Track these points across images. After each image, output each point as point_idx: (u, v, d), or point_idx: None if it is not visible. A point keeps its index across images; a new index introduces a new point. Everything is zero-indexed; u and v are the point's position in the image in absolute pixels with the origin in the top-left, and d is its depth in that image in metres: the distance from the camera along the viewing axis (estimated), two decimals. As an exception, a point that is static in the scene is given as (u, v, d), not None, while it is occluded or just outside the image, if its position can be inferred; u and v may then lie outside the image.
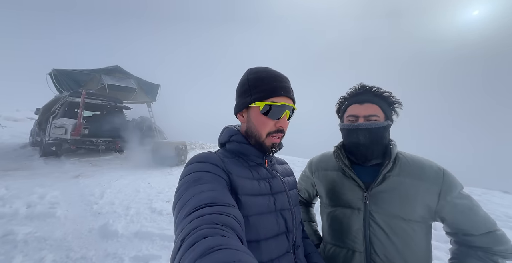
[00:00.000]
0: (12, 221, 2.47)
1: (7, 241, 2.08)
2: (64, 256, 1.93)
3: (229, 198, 0.46)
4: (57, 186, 3.68)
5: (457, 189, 0.64)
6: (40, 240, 2.14)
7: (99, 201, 3.20)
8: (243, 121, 0.61)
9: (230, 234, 0.35)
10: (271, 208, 0.55)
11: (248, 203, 0.52)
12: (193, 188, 0.45)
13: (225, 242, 0.31)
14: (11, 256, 1.87)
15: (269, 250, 0.52)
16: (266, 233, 0.53)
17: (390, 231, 0.65)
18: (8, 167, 4.72)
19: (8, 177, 4.01)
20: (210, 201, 0.41)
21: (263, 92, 0.56)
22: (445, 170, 0.67)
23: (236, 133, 0.62)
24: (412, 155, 0.73)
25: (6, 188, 3.37)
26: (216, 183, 0.48)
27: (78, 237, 2.25)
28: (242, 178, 0.54)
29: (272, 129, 0.57)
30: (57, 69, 7.12)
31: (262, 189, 0.56)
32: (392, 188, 0.67)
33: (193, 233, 0.33)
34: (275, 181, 0.60)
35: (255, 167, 0.60)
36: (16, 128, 11.17)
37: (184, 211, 0.40)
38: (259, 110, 0.56)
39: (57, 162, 5.51)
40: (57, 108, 6.45)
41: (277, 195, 0.58)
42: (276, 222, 0.55)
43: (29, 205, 2.88)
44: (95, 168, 5.24)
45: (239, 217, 0.42)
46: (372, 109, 0.71)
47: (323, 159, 0.87)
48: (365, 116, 0.71)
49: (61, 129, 5.64)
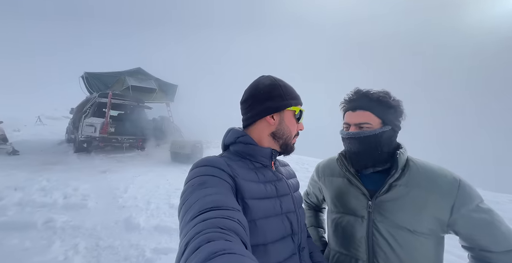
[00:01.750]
0: (52, 210, 2.79)
1: (48, 228, 2.36)
2: (94, 244, 2.14)
3: (234, 202, 0.46)
4: (88, 180, 4.06)
5: (474, 202, 0.60)
6: (75, 228, 2.40)
7: (124, 195, 3.47)
8: (274, 123, 0.62)
9: (234, 239, 0.35)
10: (278, 211, 0.56)
11: (255, 207, 0.52)
12: (198, 192, 0.46)
13: (229, 246, 0.32)
14: (52, 241, 2.12)
15: (276, 253, 0.53)
16: (273, 236, 0.53)
17: (394, 242, 0.63)
18: (49, 161, 5.30)
19: (49, 170, 4.51)
20: (214, 205, 0.41)
21: (296, 99, 0.64)
22: (461, 181, 0.62)
23: (243, 134, 0.63)
24: (425, 163, 0.68)
25: (47, 180, 3.80)
26: (221, 187, 0.48)
27: (105, 227, 2.48)
28: (248, 182, 0.55)
29: (296, 131, 0.65)
30: (88, 73, 7.78)
31: (268, 192, 0.56)
32: (398, 197, 0.65)
33: (197, 237, 0.34)
34: (280, 184, 0.61)
35: (261, 169, 0.61)
36: (54, 126, 12.46)
37: (189, 214, 0.41)
38: (294, 114, 0.63)
39: (88, 158, 6.06)
40: (88, 108, 7.06)
41: (283, 198, 0.59)
42: (282, 224, 0.55)
43: (65, 196, 3.22)
44: (120, 164, 5.67)
45: (243, 221, 0.42)
46: (364, 117, 0.69)
47: (329, 164, 0.86)
48: (356, 124, 0.70)
49: (91, 127, 6.17)
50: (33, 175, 4.03)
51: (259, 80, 0.65)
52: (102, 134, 6.17)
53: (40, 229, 2.32)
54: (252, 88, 0.65)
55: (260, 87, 0.63)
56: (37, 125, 12.42)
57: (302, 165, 6.89)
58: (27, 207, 2.80)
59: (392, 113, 0.68)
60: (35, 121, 13.01)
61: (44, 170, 4.52)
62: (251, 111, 0.63)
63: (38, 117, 13.48)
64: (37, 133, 9.94)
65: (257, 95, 0.62)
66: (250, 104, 0.63)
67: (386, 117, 0.68)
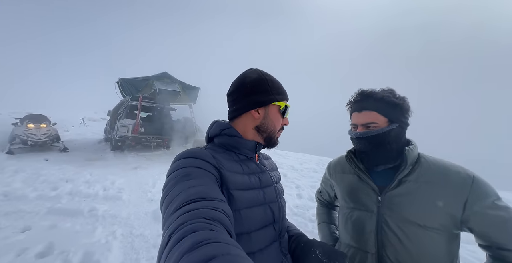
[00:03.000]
0: (94, 200, 3.22)
1: (92, 215, 2.74)
2: (129, 232, 2.42)
3: (218, 193, 0.45)
4: (122, 175, 4.54)
5: (490, 199, 0.59)
6: (113, 217, 2.74)
7: (152, 189, 3.82)
8: (258, 117, 0.62)
9: (219, 228, 0.34)
10: (261, 201, 0.57)
11: (239, 197, 0.53)
12: (182, 184, 0.45)
13: (213, 236, 0.31)
14: (95, 227, 2.47)
15: (258, 240, 0.54)
16: (256, 224, 0.55)
17: (403, 235, 0.64)
18: (91, 158, 6.06)
19: (91, 166, 5.16)
20: (199, 196, 0.41)
21: (282, 94, 0.65)
22: (475, 178, 0.61)
23: (228, 126, 0.63)
24: (438, 159, 0.69)
25: (90, 174, 4.37)
26: (206, 178, 0.48)
27: (137, 218, 2.78)
28: (233, 173, 0.55)
29: (280, 126, 0.66)
30: (122, 78, 8.62)
31: (252, 183, 0.58)
32: (408, 193, 0.66)
33: (181, 228, 0.33)
34: (264, 176, 0.62)
35: (245, 162, 0.61)
36: (95, 127, 14.08)
37: (172, 206, 0.40)
38: (279, 109, 0.64)
39: (122, 155, 6.74)
40: (122, 110, 7.83)
41: (266, 189, 0.60)
42: (265, 214, 0.57)
43: (104, 189, 3.67)
44: (149, 161, 6.20)
45: (228, 211, 0.42)
46: (370, 117, 0.70)
47: (340, 162, 0.88)
48: (363, 125, 0.71)
49: (124, 128, 6.84)
50: (79, 169, 4.66)
51: (246, 73, 0.65)
52: (134, 134, 6.79)
53: (86, 216, 2.71)
54: (238, 81, 0.64)
55: (247, 80, 0.62)
56: (81, 126, 14.16)
57: (322, 166, 6.72)
58: (75, 196, 3.28)
59: (398, 110, 0.69)
60: (79, 122, 14.87)
61: (87, 165, 5.18)
62: (236, 104, 0.64)
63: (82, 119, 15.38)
64: (81, 133, 11.35)
65: (243, 89, 0.62)
66: (236, 97, 0.64)
67: (392, 115, 0.69)
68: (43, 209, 2.75)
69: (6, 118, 6.81)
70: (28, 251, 1.91)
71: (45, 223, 2.43)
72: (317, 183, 4.67)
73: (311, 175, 5.41)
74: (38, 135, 6.19)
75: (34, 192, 3.27)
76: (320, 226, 0.98)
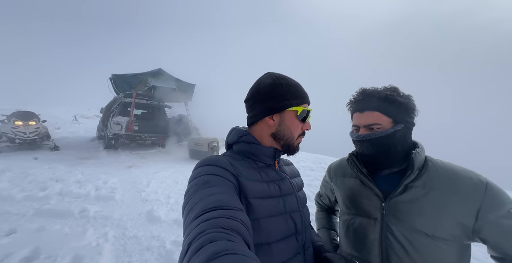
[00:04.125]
0: (86, 201, 3.10)
1: (83, 216, 2.63)
2: (121, 233, 2.34)
3: (237, 201, 0.45)
4: (115, 174, 4.42)
5: (505, 207, 0.54)
6: (105, 218, 2.64)
7: (146, 189, 3.72)
8: (273, 124, 0.60)
9: (236, 239, 0.35)
10: (281, 210, 0.55)
11: (258, 206, 0.52)
12: (201, 191, 0.46)
13: (231, 247, 0.32)
14: (86, 228, 2.37)
15: (280, 252, 0.52)
16: (276, 235, 0.53)
17: (410, 246, 0.60)
18: (83, 156, 5.89)
19: (83, 165, 5.01)
20: (217, 204, 0.41)
21: (300, 98, 0.61)
22: (489, 184, 0.56)
23: (246, 133, 0.63)
24: (447, 163, 0.63)
25: (82, 173, 4.23)
26: (224, 186, 0.48)
27: (131, 219, 2.69)
28: (251, 181, 0.54)
29: (300, 131, 0.62)
30: (115, 74, 8.39)
31: (272, 191, 0.56)
32: (415, 199, 0.61)
33: (200, 237, 0.34)
34: (284, 183, 0.60)
35: (264, 169, 0.60)
36: (88, 124, 13.75)
37: (192, 214, 0.41)
38: (296, 114, 0.60)
39: (115, 154, 6.59)
40: (115, 107, 7.63)
41: (286, 197, 0.58)
42: (286, 224, 0.55)
43: (96, 189, 3.55)
44: (143, 160, 6.07)
45: (246, 221, 0.41)
46: (373, 117, 0.65)
47: (341, 165, 0.83)
48: (366, 126, 0.66)
49: (118, 125, 6.68)
50: (71, 169, 4.51)
51: (261, 78, 0.64)
52: (128, 132, 6.65)
53: (76, 217, 2.60)
54: (253, 87, 0.64)
55: (261, 87, 0.61)
56: (73, 124, 13.80)
57: (318, 164, 6.72)
58: (66, 197, 3.16)
59: (403, 110, 0.64)
60: (71, 120, 14.48)
61: (79, 164, 5.03)
62: (252, 111, 0.63)
63: (74, 116, 14.98)
64: (73, 131, 11.05)
65: (257, 95, 0.61)
66: (252, 104, 0.63)
67: (396, 115, 0.64)
68: (31, 210, 2.63)
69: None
70: (12, 256, 1.81)
71: (32, 226, 2.31)
72: (314, 182, 4.65)
73: (308, 174, 5.39)
74: (27, 133, 5.98)
75: (21, 192, 3.13)
76: (319, 232, 0.94)
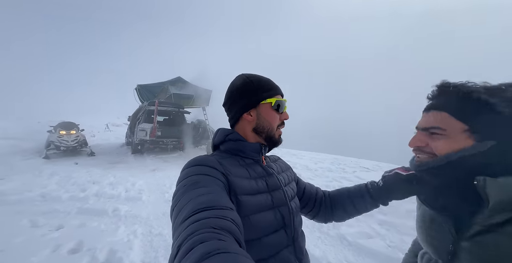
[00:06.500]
0: (117, 201, 3.44)
1: (115, 215, 2.93)
2: (148, 231, 2.56)
3: (227, 201, 0.45)
4: (142, 177, 4.80)
5: None
6: (134, 217, 2.91)
7: (169, 190, 3.99)
8: (252, 120, 0.63)
9: (228, 238, 0.34)
10: (269, 205, 0.57)
11: (247, 203, 0.53)
12: (190, 192, 0.45)
13: (223, 246, 0.31)
14: (118, 226, 2.64)
15: (270, 246, 0.54)
16: (266, 230, 0.54)
17: None
18: (114, 161, 6.50)
19: (114, 168, 5.54)
20: (207, 205, 0.40)
21: (270, 91, 0.64)
22: None
23: (232, 131, 0.65)
24: None
25: (114, 176, 4.69)
26: (214, 185, 0.48)
27: (156, 218, 2.92)
28: (240, 178, 0.55)
29: (279, 122, 0.65)
30: (140, 85, 9.14)
31: (260, 187, 0.57)
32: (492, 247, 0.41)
33: (190, 239, 0.33)
34: (271, 179, 0.62)
35: (251, 165, 0.61)
36: (117, 132, 15.10)
37: (181, 216, 0.40)
38: (271, 106, 0.63)
39: (141, 158, 7.13)
40: (140, 115, 8.28)
41: (274, 192, 0.60)
42: (274, 218, 0.56)
43: (126, 190, 3.91)
44: (166, 163, 6.48)
45: (237, 220, 0.41)
46: (435, 119, 0.47)
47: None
48: (423, 129, 0.50)
49: (143, 132, 7.23)
50: (104, 172, 5.03)
51: (232, 82, 0.67)
52: (152, 137, 7.15)
53: (110, 215, 2.91)
54: (228, 90, 0.67)
55: (234, 88, 0.65)
56: (106, 131, 15.26)
57: (338, 165, 6.51)
58: (101, 197, 3.54)
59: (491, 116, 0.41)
60: (104, 128, 16.03)
61: (111, 168, 5.57)
62: (231, 112, 0.67)
63: (106, 124, 16.58)
64: (106, 138, 12.22)
65: (232, 96, 0.65)
66: (229, 106, 0.66)
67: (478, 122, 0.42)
68: (74, 209, 3.02)
69: (45, 126, 7.63)
70: (61, 248, 2.11)
71: (76, 222, 2.66)
72: (332, 183, 4.53)
73: (326, 175, 5.26)
74: (69, 141, 6.80)
75: (66, 193, 3.60)
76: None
